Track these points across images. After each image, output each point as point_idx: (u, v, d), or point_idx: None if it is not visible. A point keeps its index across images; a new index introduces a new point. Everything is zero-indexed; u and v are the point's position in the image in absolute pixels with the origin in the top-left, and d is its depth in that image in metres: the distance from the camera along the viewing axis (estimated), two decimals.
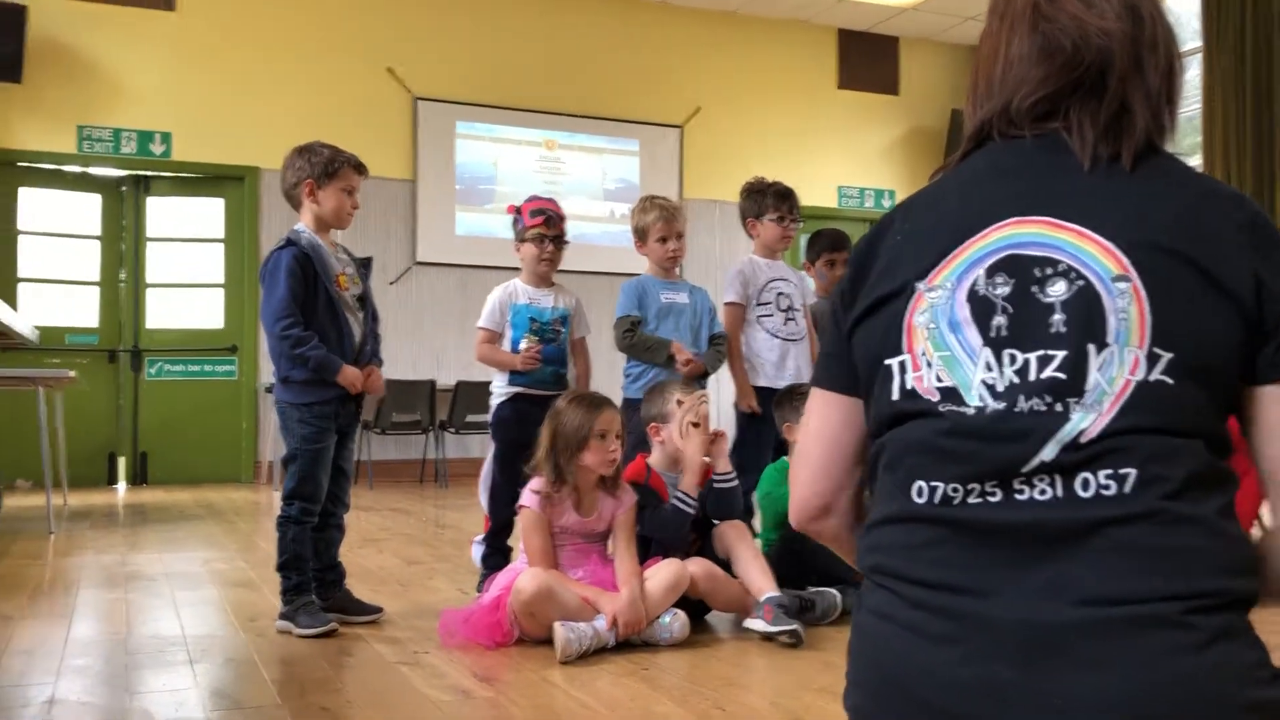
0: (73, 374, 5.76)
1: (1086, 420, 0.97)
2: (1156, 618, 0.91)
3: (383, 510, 6.47)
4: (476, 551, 3.80)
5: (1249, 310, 0.98)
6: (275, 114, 8.31)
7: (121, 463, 8.30)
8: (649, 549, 3.13)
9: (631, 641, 2.85)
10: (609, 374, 3.94)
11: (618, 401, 3.42)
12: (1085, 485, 0.96)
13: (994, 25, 1.15)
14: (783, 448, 3.62)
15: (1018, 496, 0.98)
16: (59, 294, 8.30)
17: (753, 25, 10.03)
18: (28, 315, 7.16)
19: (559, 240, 3.70)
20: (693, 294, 3.93)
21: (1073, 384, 0.98)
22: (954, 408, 1.02)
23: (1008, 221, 1.05)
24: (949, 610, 0.98)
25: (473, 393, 7.78)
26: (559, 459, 2.97)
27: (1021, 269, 1.02)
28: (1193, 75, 8.96)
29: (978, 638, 0.95)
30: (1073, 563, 0.95)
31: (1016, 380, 1.00)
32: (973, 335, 1.03)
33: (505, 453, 3.58)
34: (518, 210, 3.74)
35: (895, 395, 1.08)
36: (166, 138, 8.29)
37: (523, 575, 2.88)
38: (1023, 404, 0.99)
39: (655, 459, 3.29)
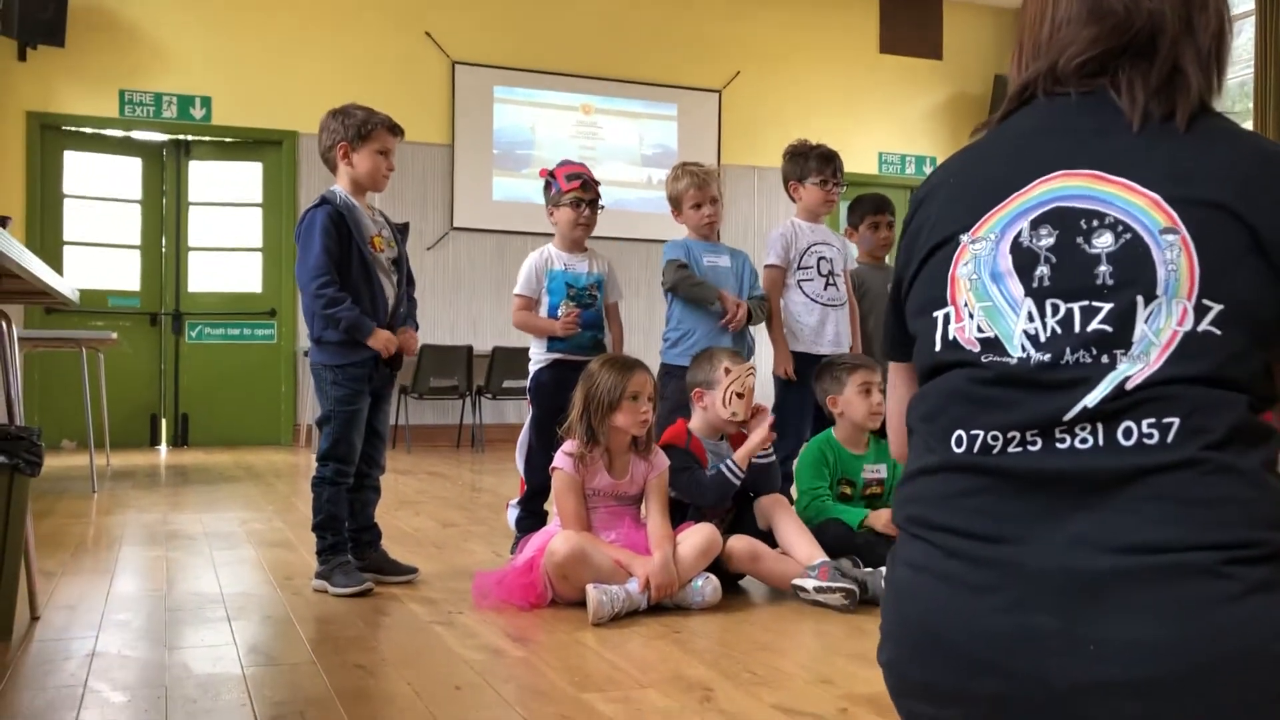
0: (115, 336, 5.83)
1: (1133, 369, 0.97)
2: (1195, 566, 0.90)
3: (419, 474, 6.51)
4: (512, 515, 3.82)
5: None
6: (313, 79, 8.33)
7: (163, 424, 8.42)
8: (684, 514, 3.13)
9: (663, 605, 2.85)
10: (645, 340, 3.92)
11: (654, 367, 3.41)
12: (1128, 434, 0.96)
13: None
14: (823, 417, 3.59)
15: (1059, 445, 0.98)
16: (102, 257, 8.40)
17: None
18: (71, 278, 7.26)
19: (594, 204, 3.68)
20: (734, 257, 3.90)
21: (1119, 336, 0.98)
22: (996, 358, 1.03)
23: (1054, 175, 1.05)
24: (987, 559, 0.98)
25: (510, 358, 7.80)
26: (592, 420, 2.98)
27: (1067, 221, 1.02)
28: (1245, 40, 8.74)
29: (1017, 586, 0.95)
30: (1112, 510, 0.94)
31: (1060, 331, 1.00)
32: (1015, 286, 1.03)
33: (543, 418, 3.58)
34: (551, 174, 3.71)
35: (937, 346, 1.09)
36: (206, 102, 8.34)
37: (556, 537, 2.88)
38: (1068, 356, 0.99)
39: (696, 424, 3.27)
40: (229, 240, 8.64)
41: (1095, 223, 1.01)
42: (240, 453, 7.84)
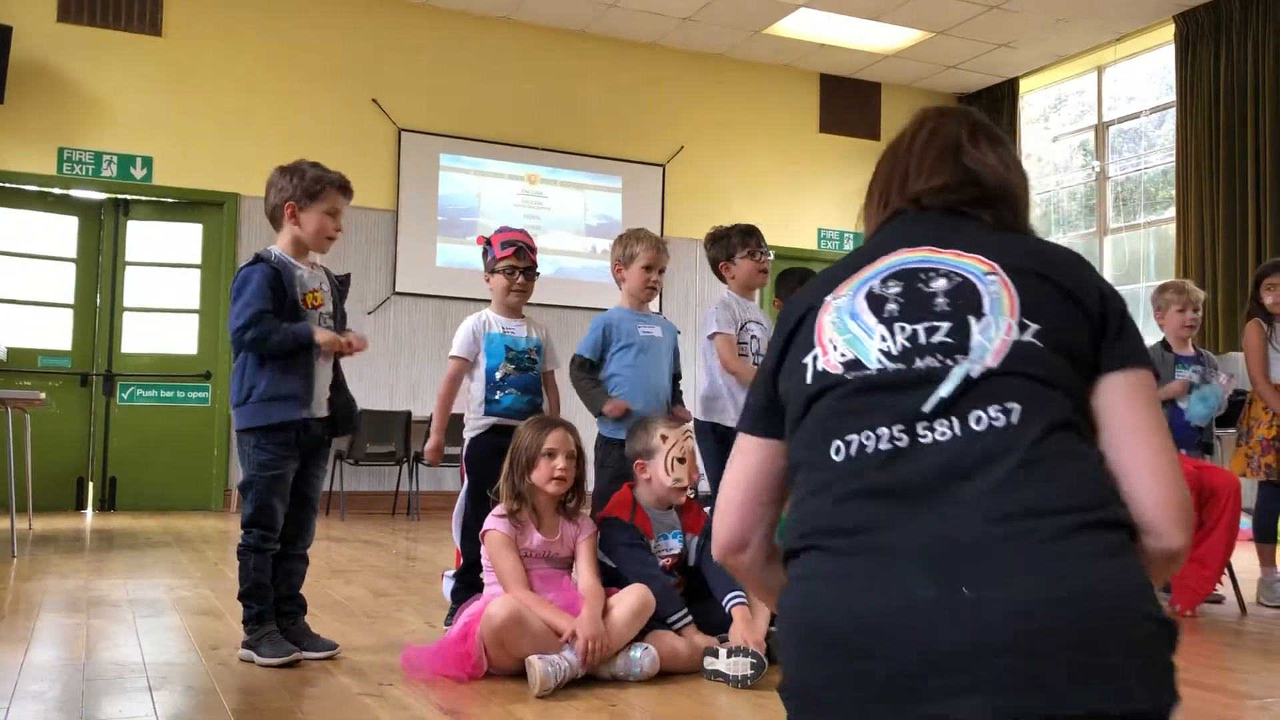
0: (42, 396, 5.70)
1: (974, 367, 1.13)
2: (1058, 529, 1.01)
3: (353, 541, 6.40)
4: (447, 585, 3.76)
5: (1094, 315, 1.19)
6: (258, 141, 8.32)
7: (90, 487, 8.20)
8: (617, 577, 3.10)
9: (600, 676, 2.81)
10: (583, 408, 3.91)
11: (590, 436, 3.41)
12: (979, 421, 1.10)
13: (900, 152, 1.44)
14: None
15: (922, 440, 1.11)
16: (33, 315, 8.23)
17: (736, 68, 10.14)
18: (1, 336, 7.09)
19: (529, 272, 3.69)
20: (665, 329, 3.94)
21: (959, 344, 1.15)
22: (858, 373, 1.19)
23: (899, 250, 1.29)
24: (864, 548, 1.07)
25: (449, 425, 7.72)
26: (515, 478, 3.02)
27: (909, 275, 1.24)
28: (1167, 129, 9.10)
29: (894, 564, 1.04)
30: (972, 489, 1.06)
31: (909, 345, 1.17)
32: (869, 318, 1.22)
33: (480, 486, 3.55)
34: (487, 241, 3.72)
35: (809, 380, 1.24)
36: (148, 162, 8.27)
37: (494, 602, 2.85)
38: (919, 363, 1.15)
39: (643, 497, 3.26)
40: (165, 301, 8.51)
41: (932, 273, 1.23)
42: (169, 518, 7.64)
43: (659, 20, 9.23)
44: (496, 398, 3.60)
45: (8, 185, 8.02)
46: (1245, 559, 4.75)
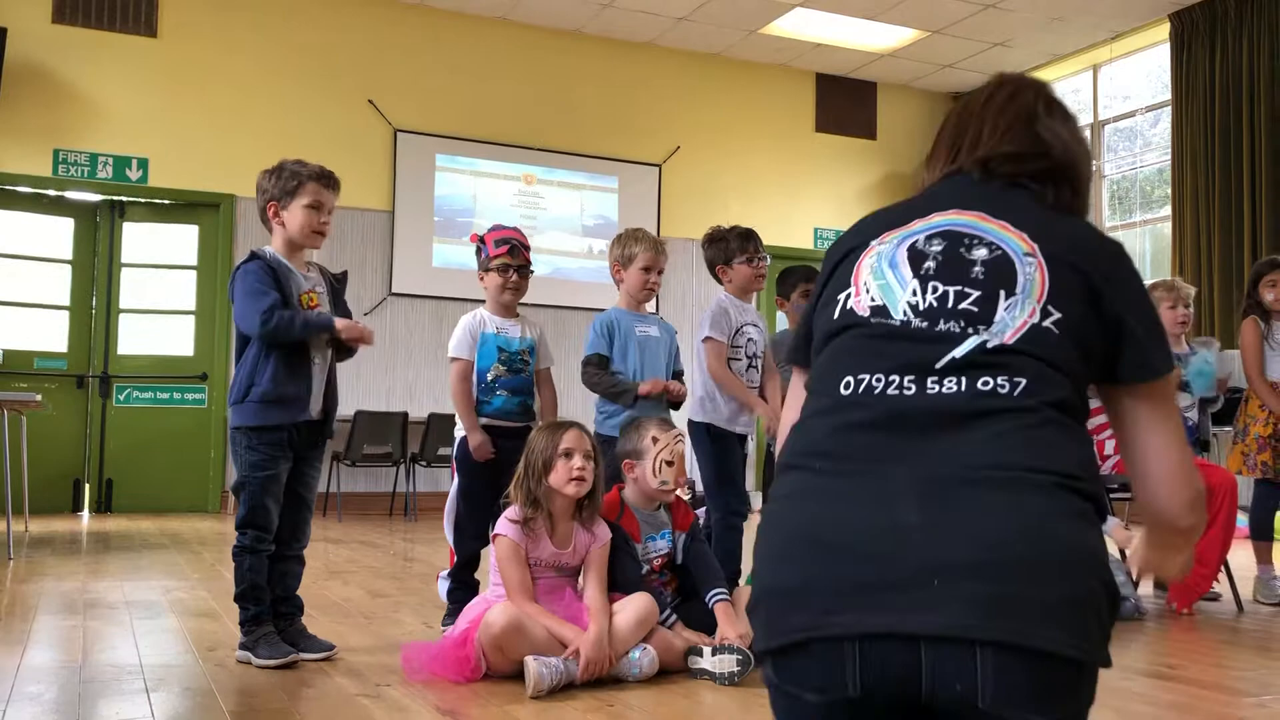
0: (38, 398, 5.69)
1: (991, 339, 1.20)
2: (1033, 483, 1.11)
3: (350, 543, 6.39)
4: (443, 586, 3.75)
5: (1111, 318, 1.26)
6: (254, 142, 8.30)
7: (86, 489, 8.18)
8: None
9: (600, 678, 2.81)
10: (582, 407, 3.91)
11: None
12: (985, 384, 1.18)
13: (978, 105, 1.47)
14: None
15: (929, 390, 1.19)
16: (29, 317, 8.22)
17: (733, 68, 10.14)
18: None
19: (524, 270, 3.67)
20: (663, 329, 3.94)
21: (983, 315, 1.22)
22: (882, 320, 1.26)
23: (950, 210, 1.34)
24: (861, 473, 1.16)
25: (445, 425, 7.73)
26: (530, 484, 2.96)
27: (953, 237, 1.30)
28: (1162, 129, 9.11)
29: (886, 492, 1.12)
30: (968, 438, 1.15)
31: (936, 305, 1.24)
32: (906, 271, 1.28)
33: (470, 485, 3.55)
34: (481, 240, 3.71)
35: (835, 316, 1.31)
36: (144, 163, 8.26)
37: (493, 609, 2.84)
38: (941, 324, 1.22)
39: (630, 495, 3.26)
40: (161, 303, 8.50)
41: (976, 241, 1.28)
42: (166, 519, 7.63)
43: (655, 20, 9.23)
44: (488, 399, 3.59)
45: (3, 187, 8.00)
46: (1242, 557, 4.75)
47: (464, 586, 3.53)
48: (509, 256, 3.63)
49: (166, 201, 8.46)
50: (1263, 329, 4.62)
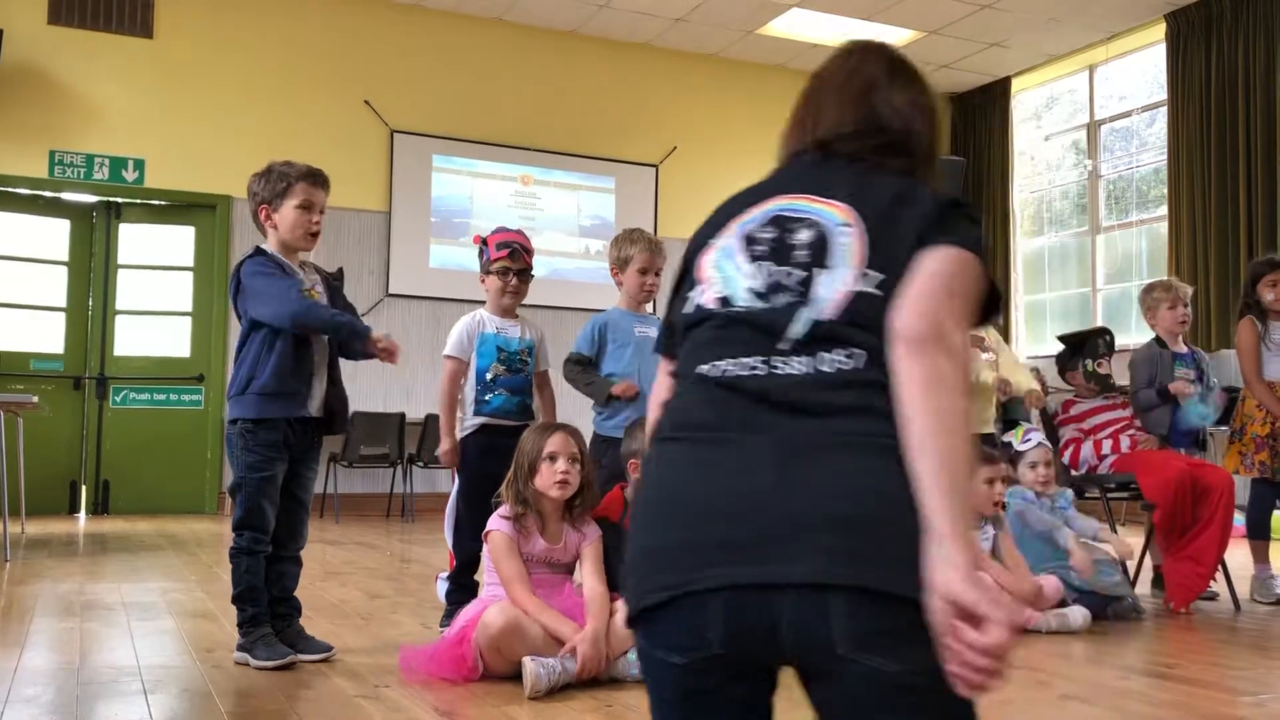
0: (35, 399, 5.68)
1: (818, 314, 1.28)
2: (876, 445, 1.20)
3: (347, 544, 6.39)
4: (441, 588, 3.75)
5: (917, 239, 1.30)
6: (250, 143, 8.30)
7: (83, 491, 8.17)
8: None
9: (598, 677, 2.81)
10: (581, 408, 3.91)
11: (588, 435, 3.40)
12: (829, 363, 1.26)
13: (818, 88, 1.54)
14: None
15: (777, 371, 1.27)
16: (26, 319, 8.20)
17: (730, 68, 10.14)
18: None
19: (524, 274, 3.68)
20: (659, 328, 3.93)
21: (806, 294, 1.30)
22: (728, 309, 1.35)
23: (782, 195, 1.42)
24: (721, 441, 1.24)
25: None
26: (519, 484, 2.99)
27: (783, 223, 1.38)
28: (1158, 128, 9.12)
29: (745, 457, 1.22)
30: (816, 410, 1.23)
31: (769, 289, 1.32)
32: (741, 259, 1.37)
33: (470, 486, 3.55)
34: (483, 242, 3.72)
35: (689, 310, 1.40)
36: (140, 164, 8.25)
37: (490, 609, 2.84)
38: (775, 301, 1.31)
39: (632, 495, 3.26)
40: (158, 304, 8.49)
41: (800, 223, 1.36)
42: (163, 521, 7.62)
43: (651, 21, 9.23)
44: (487, 398, 3.59)
45: (0, 189, 8.00)
46: (1239, 556, 4.76)
47: (463, 589, 3.53)
48: (509, 260, 3.63)
49: (163, 202, 8.45)
50: (1260, 329, 4.63)
